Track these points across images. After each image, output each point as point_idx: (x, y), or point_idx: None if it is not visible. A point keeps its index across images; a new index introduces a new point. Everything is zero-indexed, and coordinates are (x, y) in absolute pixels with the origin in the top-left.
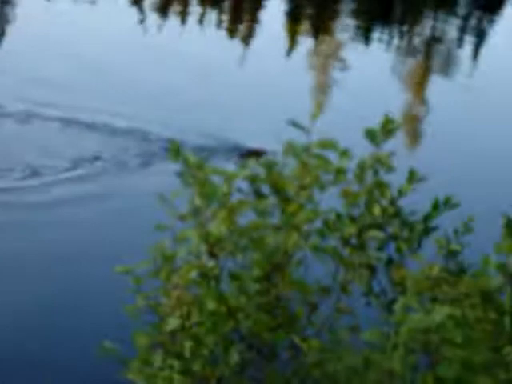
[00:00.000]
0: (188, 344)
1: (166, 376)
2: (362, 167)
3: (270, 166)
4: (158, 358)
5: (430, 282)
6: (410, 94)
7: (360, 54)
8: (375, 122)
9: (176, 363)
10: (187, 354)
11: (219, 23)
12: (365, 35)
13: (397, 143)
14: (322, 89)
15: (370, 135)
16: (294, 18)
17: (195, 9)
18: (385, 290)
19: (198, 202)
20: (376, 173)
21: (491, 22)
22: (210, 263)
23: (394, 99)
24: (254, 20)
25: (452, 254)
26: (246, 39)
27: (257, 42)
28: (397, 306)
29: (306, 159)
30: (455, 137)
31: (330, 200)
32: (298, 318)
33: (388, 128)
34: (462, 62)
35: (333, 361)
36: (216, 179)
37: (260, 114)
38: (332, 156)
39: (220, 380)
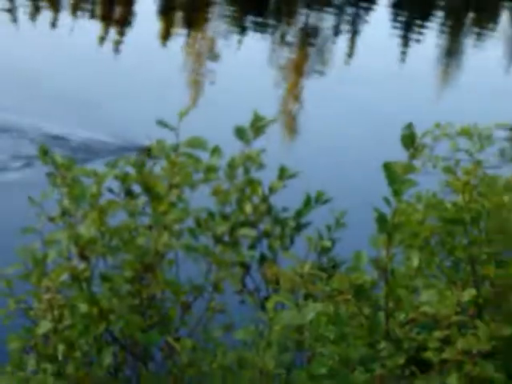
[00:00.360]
0: (61, 347)
1: (39, 380)
2: (232, 165)
3: (140, 165)
4: (31, 362)
5: (302, 278)
6: (285, 88)
7: (234, 48)
8: (248, 119)
9: (49, 366)
10: (60, 356)
11: (91, 16)
12: (239, 28)
13: (270, 139)
14: (195, 84)
15: (240, 133)
16: (166, 10)
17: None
18: (258, 288)
19: (66, 203)
20: (247, 170)
21: (366, 13)
22: (81, 265)
23: (268, 94)
24: (127, 13)
25: (324, 250)
26: (119, 32)
27: (129, 36)
28: (268, 304)
29: (176, 158)
30: (328, 132)
31: (201, 199)
32: (171, 318)
33: (257, 125)
34: (336, 55)
35: (206, 360)
36: (87, 180)
37: (131, 111)
38: (204, 154)
39: (94, 382)
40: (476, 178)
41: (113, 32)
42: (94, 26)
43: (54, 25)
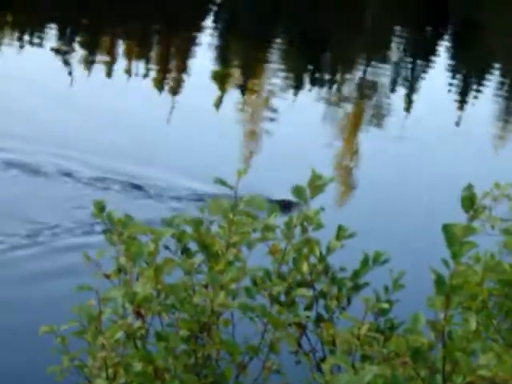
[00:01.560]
0: None
1: None
2: (289, 224)
3: (197, 223)
4: None
5: (359, 340)
6: (340, 145)
7: (289, 104)
8: (302, 176)
9: None
10: None
11: (146, 75)
12: (295, 84)
13: (326, 197)
14: (252, 141)
15: (298, 192)
16: (222, 66)
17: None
18: (314, 349)
19: (123, 260)
20: (304, 230)
21: (423, 70)
22: (137, 323)
23: (324, 151)
24: (182, 71)
25: (382, 312)
26: (175, 91)
27: (185, 93)
28: (325, 366)
29: (234, 216)
30: (383, 191)
31: (258, 257)
32: (226, 378)
33: (315, 184)
34: (394, 111)
35: None
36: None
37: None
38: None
39: None
40: None
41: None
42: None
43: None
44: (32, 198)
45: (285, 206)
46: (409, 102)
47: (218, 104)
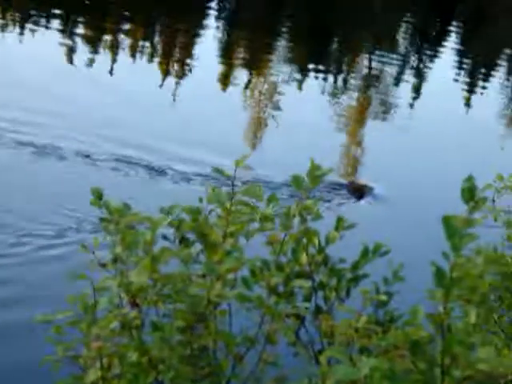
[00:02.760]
0: None
1: None
2: (288, 214)
3: (195, 212)
4: None
5: (357, 332)
6: (346, 135)
7: (294, 94)
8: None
9: None
10: None
11: (151, 58)
12: (300, 73)
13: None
14: (255, 128)
15: (296, 182)
16: (228, 52)
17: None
18: (313, 340)
19: (119, 249)
20: (304, 220)
21: (430, 61)
22: (132, 313)
23: (329, 142)
24: (188, 56)
25: (381, 304)
26: (180, 76)
27: (191, 79)
28: (322, 358)
29: (231, 206)
30: (389, 182)
31: (257, 248)
32: (222, 369)
33: (315, 174)
34: (399, 103)
35: None
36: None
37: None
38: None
39: None
40: None
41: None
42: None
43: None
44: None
45: (355, 189)
46: (416, 92)
47: (223, 92)
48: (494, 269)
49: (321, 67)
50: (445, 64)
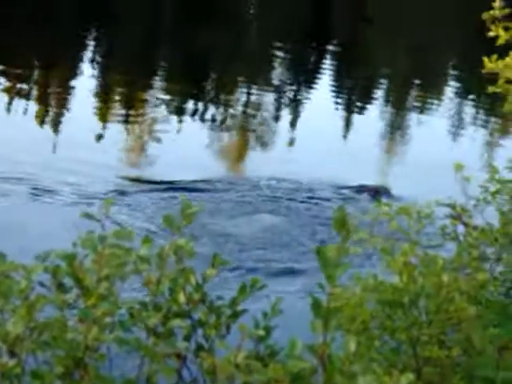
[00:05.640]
0: None
1: None
2: (161, 254)
3: (70, 258)
4: None
5: (237, 368)
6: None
7: (170, 132)
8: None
9: None
10: None
11: (25, 110)
12: (178, 110)
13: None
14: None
15: (168, 221)
16: (104, 94)
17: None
18: (196, 379)
19: None
20: (179, 259)
21: (306, 91)
22: (11, 362)
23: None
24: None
25: (261, 338)
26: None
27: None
28: None
29: (103, 250)
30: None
31: (138, 290)
32: None
33: (187, 212)
34: (279, 134)
35: None
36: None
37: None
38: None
39: None
40: (416, 258)
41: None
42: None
43: None
44: None
45: (373, 193)
46: (292, 125)
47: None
48: (373, 297)
49: (196, 105)
50: (322, 91)
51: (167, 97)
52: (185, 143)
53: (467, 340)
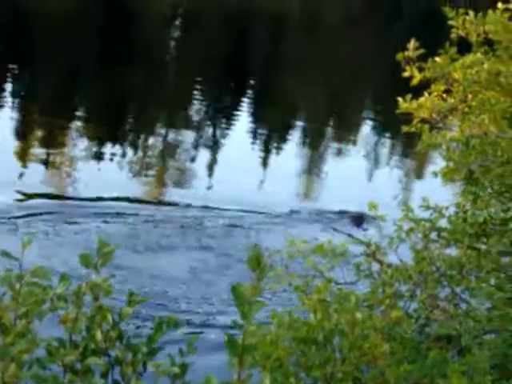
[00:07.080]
0: None
1: None
2: (77, 293)
3: None
4: None
5: None
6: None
7: (92, 170)
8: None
9: None
10: None
11: None
12: (96, 152)
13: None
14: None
15: (85, 260)
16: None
17: None
18: None
19: None
20: (96, 297)
21: (223, 132)
22: None
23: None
24: None
25: (177, 375)
26: None
27: None
28: None
29: (20, 288)
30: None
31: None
32: None
33: (104, 251)
34: (198, 174)
35: None
36: None
37: None
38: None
39: None
40: (331, 295)
41: None
42: None
43: None
44: None
45: (357, 219)
46: (211, 167)
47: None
48: (289, 334)
49: (114, 147)
50: (239, 131)
51: (84, 138)
52: (102, 184)
53: (381, 376)
